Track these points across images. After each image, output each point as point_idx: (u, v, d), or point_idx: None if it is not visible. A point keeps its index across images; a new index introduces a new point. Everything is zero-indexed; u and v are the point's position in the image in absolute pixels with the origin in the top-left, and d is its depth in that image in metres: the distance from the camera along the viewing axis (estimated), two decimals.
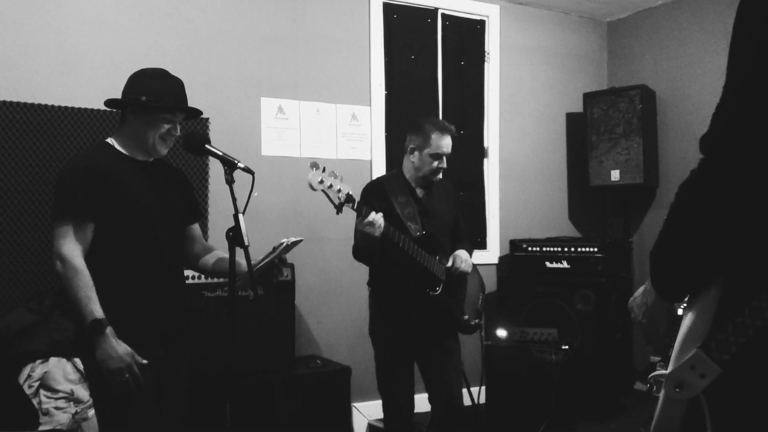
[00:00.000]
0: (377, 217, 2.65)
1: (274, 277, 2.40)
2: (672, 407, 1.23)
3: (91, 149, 2.39)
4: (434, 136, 2.99)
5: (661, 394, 1.25)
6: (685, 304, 1.29)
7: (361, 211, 2.66)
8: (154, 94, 2.22)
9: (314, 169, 2.56)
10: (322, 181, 2.56)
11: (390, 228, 2.73)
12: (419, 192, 3.08)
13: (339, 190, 2.59)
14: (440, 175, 3.08)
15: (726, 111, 1.18)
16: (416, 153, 3.04)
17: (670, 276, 1.29)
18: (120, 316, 2.16)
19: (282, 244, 2.32)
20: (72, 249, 2.11)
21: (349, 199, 2.62)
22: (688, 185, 1.22)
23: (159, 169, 2.37)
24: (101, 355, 2.08)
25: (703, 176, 1.20)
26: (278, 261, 2.36)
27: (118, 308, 2.16)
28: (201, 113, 2.40)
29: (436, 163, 3.01)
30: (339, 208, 2.61)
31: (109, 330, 2.08)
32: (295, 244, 2.36)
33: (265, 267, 2.34)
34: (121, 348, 2.09)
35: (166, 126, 2.25)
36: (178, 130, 2.31)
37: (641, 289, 1.46)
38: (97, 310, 2.08)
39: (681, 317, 1.30)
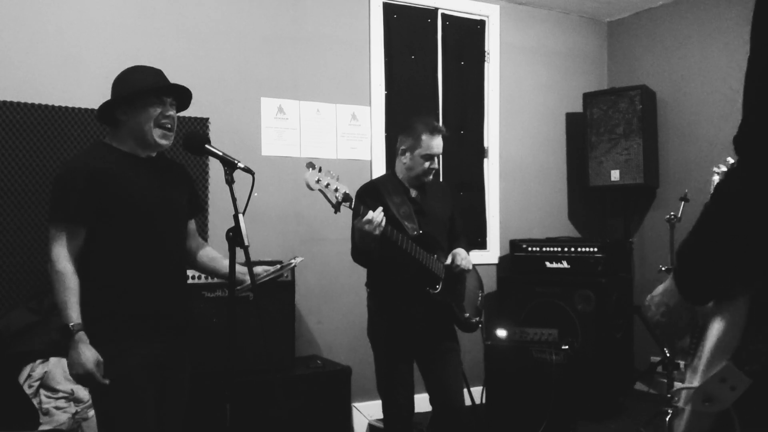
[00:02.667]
0: (376, 215, 2.65)
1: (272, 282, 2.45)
2: (699, 421, 1.20)
3: (88, 150, 2.37)
4: (425, 137, 2.99)
5: (687, 408, 1.22)
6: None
7: (359, 210, 2.66)
8: (134, 86, 2.22)
9: (311, 168, 2.56)
10: (319, 181, 2.56)
11: (388, 227, 2.73)
12: (413, 192, 3.08)
13: (336, 189, 2.59)
14: (432, 176, 3.07)
15: (756, 111, 1.14)
16: (408, 154, 3.03)
17: (697, 278, 1.24)
18: (121, 312, 2.18)
19: (291, 263, 2.38)
20: (59, 253, 2.14)
21: (347, 198, 2.62)
22: (725, 185, 1.18)
23: (161, 165, 2.36)
24: (68, 359, 2.11)
25: (739, 177, 1.16)
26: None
27: (119, 305, 2.18)
28: (188, 91, 2.36)
29: (428, 164, 3.01)
30: (336, 207, 2.61)
31: (77, 336, 2.08)
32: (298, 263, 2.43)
33: (272, 278, 2.38)
34: (84, 356, 2.08)
35: (157, 110, 2.24)
36: (172, 112, 2.29)
37: (661, 287, 1.39)
38: (71, 316, 2.10)
39: (702, 323, 1.26)
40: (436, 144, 3.01)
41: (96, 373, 2.09)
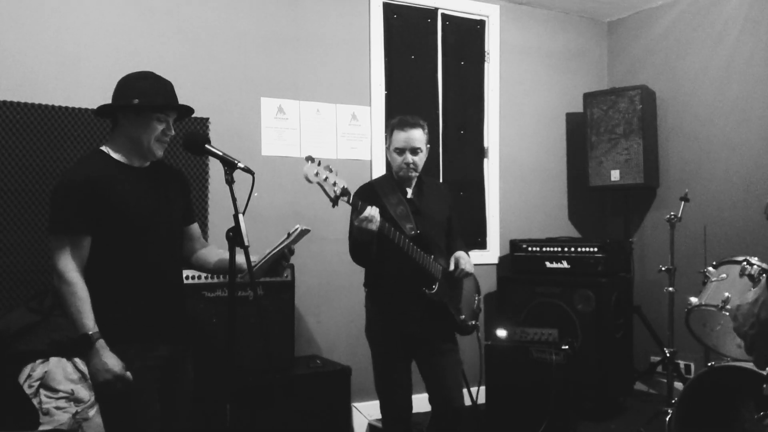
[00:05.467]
0: (373, 212, 2.66)
1: (283, 269, 2.42)
2: None
3: (85, 159, 2.34)
4: (395, 131, 3.03)
5: None
6: None
7: (357, 205, 2.67)
8: (145, 96, 2.20)
9: (310, 162, 2.57)
10: (317, 174, 2.57)
11: (386, 224, 2.74)
12: (410, 192, 3.09)
13: (335, 184, 2.60)
14: (412, 173, 3.03)
15: None
16: (387, 151, 3.10)
17: None
18: (120, 318, 2.18)
19: (296, 229, 2.34)
20: (66, 264, 2.13)
21: (345, 192, 2.62)
22: None
23: (157, 173, 2.35)
24: (91, 368, 2.12)
25: None
26: (287, 251, 2.38)
27: (118, 311, 2.18)
28: (193, 111, 2.37)
29: (400, 159, 3.00)
30: (334, 201, 2.62)
31: (98, 344, 2.09)
32: (304, 233, 2.37)
33: (276, 256, 2.36)
34: (109, 361, 2.09)
35: (160, 127, 2.23)
36: (173, 130, 2.29)
37: (751, 297, 1.30)
38: (87, 324, 2.10)
39: None
40: (402, 137, 2.99)
41: (125, 375, 2.10)
